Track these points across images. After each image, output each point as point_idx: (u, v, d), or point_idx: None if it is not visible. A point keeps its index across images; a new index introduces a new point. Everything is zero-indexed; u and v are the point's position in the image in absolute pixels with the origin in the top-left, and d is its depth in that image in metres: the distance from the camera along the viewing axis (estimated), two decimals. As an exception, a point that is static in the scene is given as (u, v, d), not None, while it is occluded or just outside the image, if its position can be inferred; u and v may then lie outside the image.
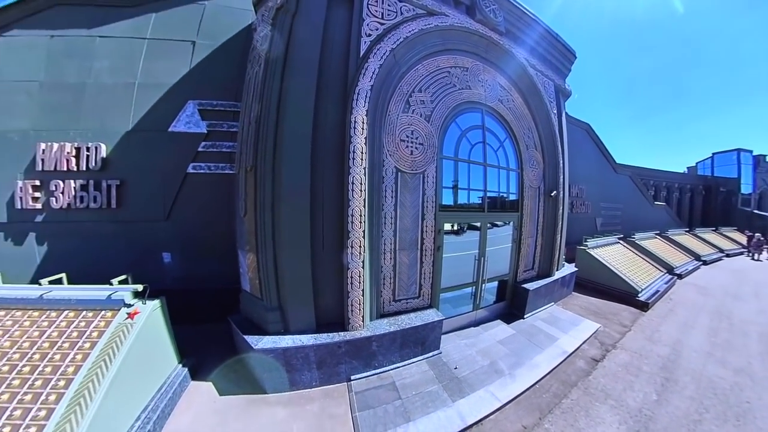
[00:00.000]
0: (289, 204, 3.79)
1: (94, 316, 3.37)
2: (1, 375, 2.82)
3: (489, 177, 5.70)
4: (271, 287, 3.89)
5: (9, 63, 6.00)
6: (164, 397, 3.37)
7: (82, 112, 5.95)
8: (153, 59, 6.02)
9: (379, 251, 4.26)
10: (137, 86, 5.96)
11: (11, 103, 5.93)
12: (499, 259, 5.97)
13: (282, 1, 4.04)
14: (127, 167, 5.92)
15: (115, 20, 6.12)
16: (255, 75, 4.45)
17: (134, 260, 5.66)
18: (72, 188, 5.82)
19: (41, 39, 6.12)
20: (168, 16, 6.18)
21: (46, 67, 6.05)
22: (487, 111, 5.63)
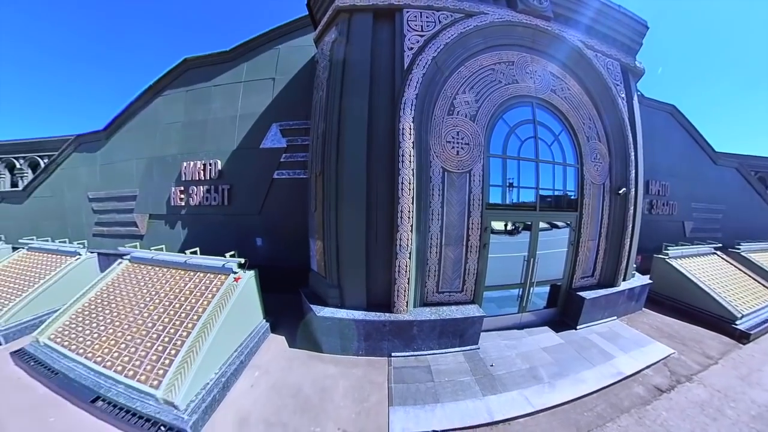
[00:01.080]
0: (348, 202, 4.24)
1: (215, 277, 4.56)
2: (165, 306, 4.23)
3: (542, 174, 4.99)
4: (332, 269, 4.44)
5: (165, 112, 8.45)
6: (252, 340, 4.40)
7: (206, 139, 7.88)
8: (247, 96, 7.49)
9: (426, 245, 4.38)
10: (238, 117, 7.50)
11: (167, 138, 8.34)
12: (552, 263, 5.30)
13: (336, 35, 4.53)
14: (234, 176, 7.50)
15: (222, 72, 7.87)
16: (319, 98, 5.04)
17: (238, 242, 7.14)
18: (201, 191, 7.71)
19: (181, 93, 8.38)
20: (255, 62, 7.61)
21: (184, 111, 8.24)
22: (538, 104, 5.04)
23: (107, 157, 9.43)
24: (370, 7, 4.32)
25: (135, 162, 8.83)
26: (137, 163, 8.78)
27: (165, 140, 8.33)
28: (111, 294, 4.83)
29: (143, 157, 8.67)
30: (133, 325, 4.09)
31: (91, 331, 4.20)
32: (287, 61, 7.18)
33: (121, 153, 9.14)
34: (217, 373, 3.59)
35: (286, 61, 7.20)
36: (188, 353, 3.43)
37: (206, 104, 7.89)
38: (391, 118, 4.14)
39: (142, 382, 3.31)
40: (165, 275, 4.88)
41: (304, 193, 6.28)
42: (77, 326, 4.38)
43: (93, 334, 4.16)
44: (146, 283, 4.86)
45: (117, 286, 4.95)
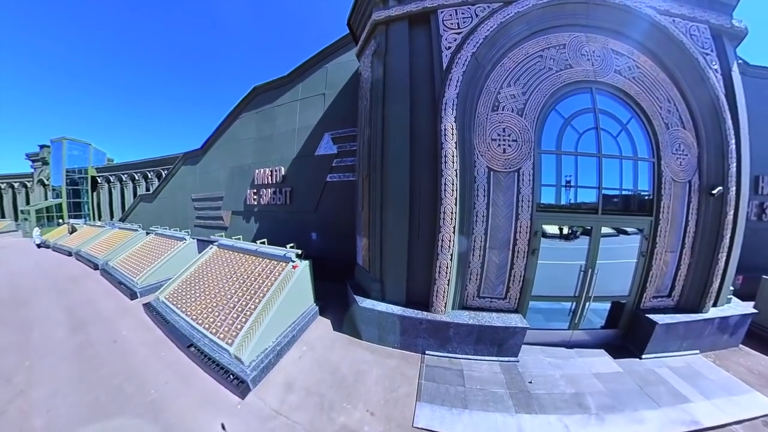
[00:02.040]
0: (392, 202, 4.30)
1: (277, 264, 5.24)
2: (240, 283, 5.03)
3: (606, 170, 4.14)
4: (376, 264, 4.56)
5: (242, 131, 10.33)
6: (303, 320, 4.87)
7: (273, 150, 9.18)
8: (304, 111, 8.48)
9: (469, 247, 4.17)
10: (297, 130, 8.54)
11: (244, 151, 10.11)
12: (615, 275, 4.37)
13: (375, 47, 4.70)
14: (294, 179, 8.50)
15: (283, 94, 9.16)
16: (364, 107, 5.33)
17: (297, 235, 8.03)
18: (269, 193, 8.94)
19: (252, 115, 10.08)
20: (308, 81, 8.61)
21: (256, 129, 9.87)
22: (599, 89, 4.22)
23: (204, 168, 12.01)
24: (405, 14, 4.31)
25: (222, 171, 10.97)
26: (223, 172, 10.87)
27: (242, 153, 10.12)
28: (204, 270, 6.01)
29: (227, 167, 10.70)
30: (218, 296, 5.02)
31: (191, 296, 5.34)
32: (335, 76, 7.88)
33: (212, 164, 11.53)
34: (274, 342, 4.13)
35: (333, 77, 7.92)
36: (254, 322, 4.06)
37: (272, 121, 9.28)
38: (433, 119, 4.10)
39: (221, 339, 4.06)
40: (241, 259, 5.82)
41: (353, 194, 6.68)
42: (182, 291, 5.61)
43: (191, 298, 5.28)
44: (228, 264, 5.88)
45: (208, 265, 6.13)
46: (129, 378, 3.72)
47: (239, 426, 2.93)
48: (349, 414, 3.06)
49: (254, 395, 3.36)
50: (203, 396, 3.40)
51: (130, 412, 3.13)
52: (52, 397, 3.39)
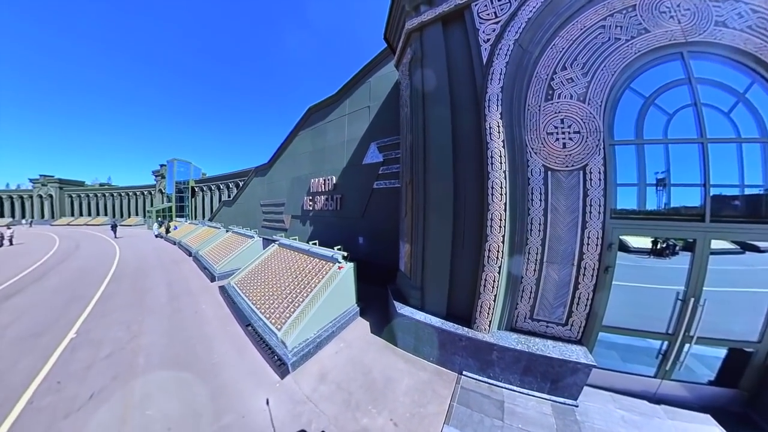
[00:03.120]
0: (436, 208, 4.18)
1: (325, 264, 5.68)
2: (292, 278, 5.57)
3: (715, 160, 3.07)
4: (417, 271, 4.45)
5: (300, 146, 11.92)
6: (344, 318, 5.10)
7: (325, 161, 10.28)
8: (351, 124, 9.27)
9: (521, 259, 3.67)
10: (346, 142, 9.37)
11: (301, 163, 11.58)
12: (739, 311, 3.15)
13: (411, 54, 4.80)
14: (344, 187, 9.25)
15: (333, 110, 10.29)
16: (405, 114, 5.47)
17: (345, 239, 8.71)
18: (322, 200, 9.93)
19: (308, 131, 11.59)
20: (354, 96, 9.45)
21: (311, 143, 11.26)
22: (693, 52, 3.18)
23: (270, 178, 14.29)
24: (438, 16, 4.23)
25: (284, 181, 12.83)
26: (285, 182, 12.70)
27: (300, 165, 11.72)
28: (266, 264, 6.97)
29: (289, 177, 12.48)
30: (274, 286, 5.74)
31: (253, 284, 6.25)
32: (377, 89, 8.51)
33: (277, 175, 13.63)
34: (315, 334, 4.45)
35: (376, 90, 8.55)
36: (300, 314, 4.47)
37: (324, 136, 10.52)
38: (476, 119, 3.91)
39: (272, 324, 4.60)
40: (296, 257, 6.55)
41: (398, 201, 6.90)
42: (248, 279, 6.61)
43: (254, 286, 6.17)
44: (285, 260, 6.68)
45: (270, 260, 7.09)
46: (201, 342, 4.62)
47: (274, 402, 3.22)
48: (372, 418, 3.02)
49: (291, 378, 3.67)
50: (251, 368, 3.91)
51: (197, 369, 3.90)
52: (151, 345, 4.52)
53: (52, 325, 5.28)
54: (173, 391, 3.46)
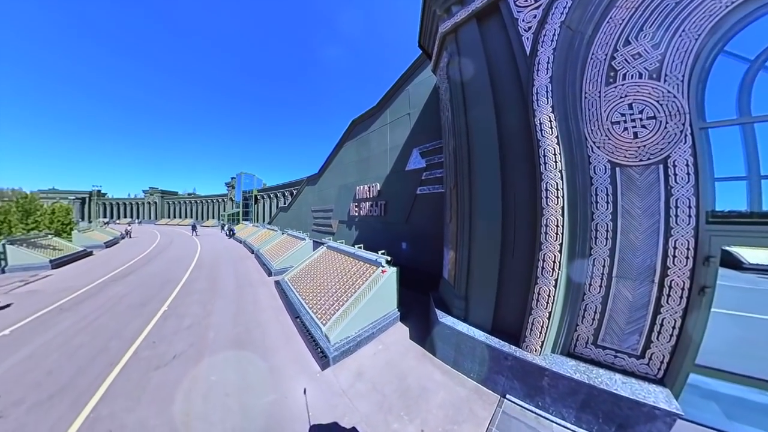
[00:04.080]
0: (482, 214, 3.99)
1: (369, 267, 5.93)
2: (338, 278, 5.98)
3: None
4: (462, 280, 4.28)
5: (345, 156, 12.92)
6: (384, 321, 5.23)
7: (370, 169, 10.86)
8: (393, 132, 9.62)
9: (583, 273, 3.21)
10: (389, 150, 9.74)
11: (348, 172, 12.49)
12: None
13: (448, 57, 4.73)
14: (388, 193, 9.58)
15: (375, 121, 10.87)
16: (446, 118, 5.40)
17: (389, 244, 8.96)
18: (367, 206, 10.46)
19: (353, 142, 12.46)
20: (394, 106, 9.81)
21: (356, 153, 12.07)
22: None
23: (319, 186, 15.76)
24: (471, 14, 4.12)
25: (332, 189, 14.00)
26: (333, 190, 13.84)
27: (346, 173, 12.68)
28: (315, 264, 7.65)
29: (336, 185, 13.57)
30: (322, 284, 6.26)
31: (304, 281, 6.93)
32: (416, 96, 8.71)
33: (326, 184, 14.96)
34: (356, 333, 4.67)
35: (415, 97, 8.76)
36: (344, 312, 4.78)
37: (367, 145, 11.19)
38: (524, 115, 3.65)
39: (318, 318, 5.02)
40: (342, 259, 7.03)
41: (441, 206, 6.79)
42: (299, 277, 7.36)
43: (304, 283, 6.84)
44: (332, 262, 7.22)
45: (319, 261, 7.76)
46: (258, 327, 5.37)
47: (313, 391, 3.51)
48: (403, 425, 3.00)
49: (331, 371, 3.93)
50: (296, 356, 4.34)
51: (253, 349, 4.58)
52: (219, 324, 5.50)
53: (152, 298, 7.02)
54: (232, 364, 4.12)
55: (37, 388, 3.59)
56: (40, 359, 4.25)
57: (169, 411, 3.18)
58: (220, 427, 2.95)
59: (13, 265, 10.19)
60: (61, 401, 3.34)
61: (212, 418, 3.08)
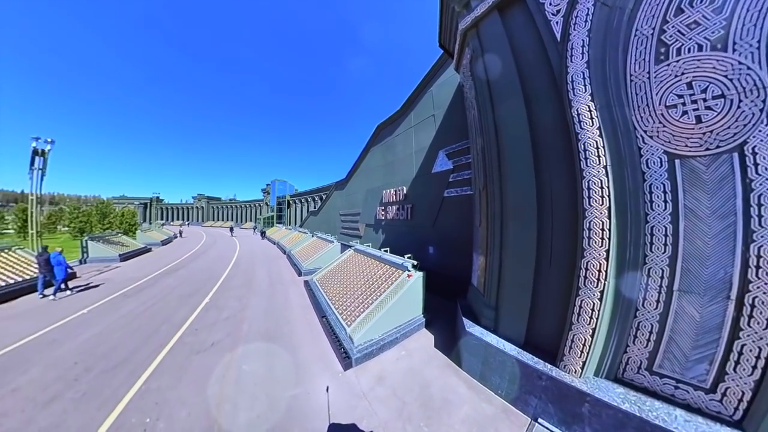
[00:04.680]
0: (515, 216, 3.75)
1: (395, 271, 5.94)
2: (364, 281, 6.05)
3: None
4: (492, 287, 4.05)
5: (372, 161, 13.14)
6: (408, 327, 5.15)
7: (396, 173, 10.93)
8: (418, 135, 9.56)
9: (636, 285, 2.80)
10: (414, 153, 9.71)
11: (374, 176, 12.70)
12: None
13: (471, 54, 4.52)
14: (415, 197, 9.52)
15: (399, 125, 10.90)
16: (473, 117, 5.19)
17: (416, 248, 8.87)
18: (394, 209, 10.51)
19: (379, 147, 12.59)
20: (417, 108, 9.74)
21: (382, 157, 12.21)
22: None
23: (347, 191, 16.27)
24: (491, 6, 3.94)
25: (359, 193, 14.34)
26: (360, 194, 14.18)
27: (373, 178, 12.89)
28: (342, 266, 7.87)
29: (363, 190, 13.87)
30: (348, 286, 6.41)
31: (331, 282, 7.16)
32: (439, 96, 8.54)
33: (353, 188, 15.39)
34: (379, 337, 4.67)
35: (438, 98, 8.59)
36: (368, 315, 4.82)
37: (393, 149, 11.28)
38: (559, 107, 3.35)
39: (344, 319, 5.14)
40: (368, 262, 7.15)
41: (470, 209, 6.54)
42: (326, 278, 7.62)
43: (331, 283, 7.07)
44: (359, 264, 7.37)
45: (346, 263, 7.97)
46: (287, 323, 5.70)
47: (334, 390, 3.58)
48: None
49: (353, 372, 3.98)
50: (321, 354, 4.49)
51: (281, 344, 4.88)
52: (253, 317, 6.07)
53: (197, 291, 7.92)
54: (262, 357, 4.43)
55: (104, 359, 4.30)
56: (107, 335, 5.10)
57: (204, 392, 3.53)
58: (247, 414, 3.16)
59: (93, 257, 12.36)
60: (121, 371, 3.97)
61: (241, 404, 3.32)
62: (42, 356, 4.35)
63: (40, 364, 4.12)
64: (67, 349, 4.58)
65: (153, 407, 3.23)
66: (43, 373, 3.92)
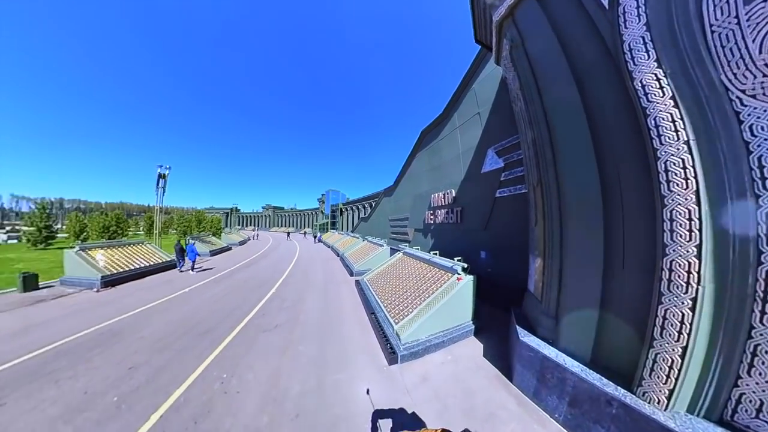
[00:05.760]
0: (576, 212, 3.35)
1: (444, 274, 5.89)
2: (412, 283, 6.18)
3: None
4: (551, 294, 3.66)
5: (418, 166, 13.37)
6: (456, 332, 5.02)
7: (443, 176, 10.80)
8: (463, 135, 9.31)
9: (746, 290, 2.16)
10: (461, 154, 9.46)
11: (421, 181, 12.86)
12: None
13: (509, 44, 4.20)
14: (464, 199, 9.24)
15: (444, 128, 10.80)
16: (520, 109, 4.82)
17: (466, 252, 8.57)
18: (443, 213, 10.42)
19: (424, 152, 12.74)
20: (461, 108, 9.47)
21: (428, 162, 12.27)
22: None
23: (395, 197, 16.76)
24: None
25: (407, 199, 14.62)
26: (408, 199, 14.44)
27: (420, 183, 13.03)
28: (392, 268, 8.18)
29: (411, 195, 14.08)
30: (396, 287, 6.65)
31: (380, 283, 7.52)
32: (483, 93, 8.14)
33: (401, 194, 15.79)
34: (426, 338, 4.71)
35: (482, 94, 8.20)
36: (416, 315, 4.95)
37: (439, 153, 11.19)
38: (618, 82, 2.91)
39: (391, 316, 5.35)
40: (417, 265, 7.27)
41: (525, 208, 6.06)
42: (376, 278, 8.04)
43: (380, 284, 7.42)
44: (408, 267, 7.57)
45: (395, 266, 8.26)
46: (338, 316, 6.30)
47: (379, 382, 3.77)
48: None
49: (398, 368, 4.10)
50: (367, 347, 4.79)
51: (332, 333, 5.40)
52: (309, 308, 6.90)
53: (265, 283, 9.48)
54: (316, 341, 5.01)
55: (192, 329, 5.48)
56: (197, 312, 6.48)
57: (266, 364, 4.19)
58: (299, 387, 3.65)
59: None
60: (203, 341, 4.95)
61: (295, 378, 3.85)
62: (170, 311, 6.46)
63: (174, 312, 6.31)
64: (180, 312, 6.42)
65: (228, 367, 4.10)
66: (167, 323, 5.69)
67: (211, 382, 3.68)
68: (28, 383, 3.58)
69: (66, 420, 2.94)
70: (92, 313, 6.21)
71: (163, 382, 3.64)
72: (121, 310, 6.41)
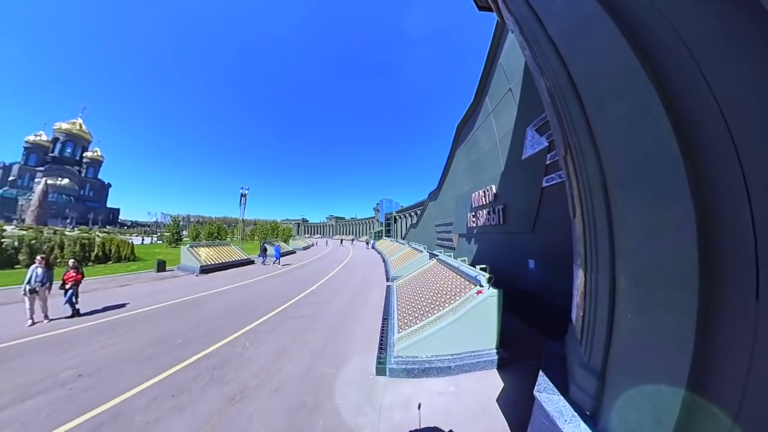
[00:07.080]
0: (632, 188, 1.81)
1: (468, 284, 4.89)
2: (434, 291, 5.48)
3: None
4: (595, 333, 2.09)
5: (458, 165, 12.30)
6: (469, 359, 3.92)
7: (482, 171, 9.32)
8: (498, 119, 7.86)
9: None
10: (498, 142, 7.92)
11: (462, 180, 11.64)
12: None
13: None
14: (506, 195, 7.55)
15: (477, 116, 9.61)
16: (529, 59, 3.16)
17: (512, 261, 6.94)
18: (484, 214, 8.80)
19: (462, 148, 11.66)
20: (491, 91, 8.15)
21: (466, 158, 11.03)
22: None
23: (440, 200, 15.37)
24: None
25: (451, 201, 13.14)
26: (452, 202, 12.95)
27: (461, 182, 11.59)
28: (421, 275, 7.46)
29: (454, 197, 12.59)
30: (417, 295, 5.97)
31: (406, 289, 6.97)
32: (510, 66, 6.82)
33: (445, 197, 14.36)
34: (426, 358, 3.86)
35: (510, 68, 6.86)
36: (418, 329, 4.12)
37: (476, 145, 9.73)
38: None
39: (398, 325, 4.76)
40: (445, 273, 6.37)
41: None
42: (405, 284, 7.50)
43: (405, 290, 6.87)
44: (436, 275, 6.70)
45: (425, 273, 7.50)
46: (356, 317, 6.41)
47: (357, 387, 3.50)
48: None
49: (384, 382, 3.61)
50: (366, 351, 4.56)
51: (343, 332, 5.50)
52: (335, 307, 7.22)
53: (309, 281, 10.59)
54: (326, 335, 5.31)
55: (242, 307, 6.93)
56: (251, 296, 8.06)
57: (278, 344, 4.86)
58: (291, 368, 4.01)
59: (268, 254, 18.48)
60: (246, 317, 6.18)
61: (292, 360, 4.28)
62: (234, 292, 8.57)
63: (237, 295, 8.32)
64: (240, 295, 8.20)
65: (253, 339, 5.02)
66: (229, 302, 7.50)
67: (235, 347, 4.64)
68: (147, 321, 5.81)
69: (152, 345, 4.72)
70: (188, 289, 8.74)
71: (207, 339, 4.90)
72: (205, 289, 8.85)
